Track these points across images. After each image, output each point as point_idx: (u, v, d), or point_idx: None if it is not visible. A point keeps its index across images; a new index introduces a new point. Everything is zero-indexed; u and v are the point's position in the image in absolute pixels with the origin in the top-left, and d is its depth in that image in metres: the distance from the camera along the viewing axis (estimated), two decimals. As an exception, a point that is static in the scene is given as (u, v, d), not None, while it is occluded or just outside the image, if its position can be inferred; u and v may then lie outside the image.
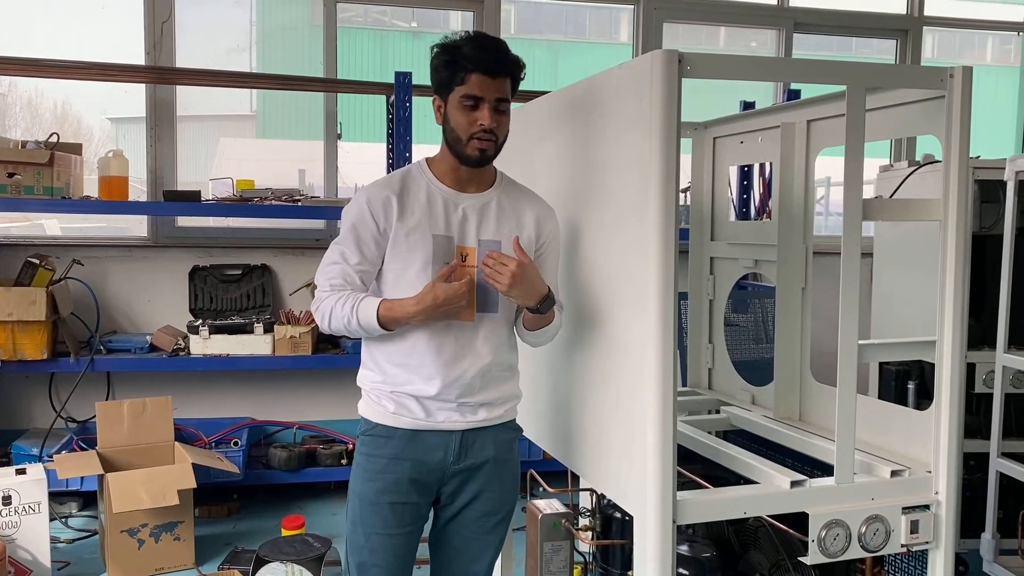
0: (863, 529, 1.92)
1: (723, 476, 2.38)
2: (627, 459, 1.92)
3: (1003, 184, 3.34)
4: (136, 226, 4.78)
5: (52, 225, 5.08)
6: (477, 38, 1.97)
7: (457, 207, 2.03)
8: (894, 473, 2.00)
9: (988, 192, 3.59)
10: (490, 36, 2.03)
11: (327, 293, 2.00)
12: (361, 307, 1.95)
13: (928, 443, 2.04)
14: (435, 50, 1.99)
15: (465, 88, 1.93)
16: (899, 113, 2.14)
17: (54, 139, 4.10)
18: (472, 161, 2.00)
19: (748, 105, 4.66)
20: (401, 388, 2.04)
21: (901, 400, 3.58)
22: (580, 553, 2.88)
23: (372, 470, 2.06)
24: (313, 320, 3.30)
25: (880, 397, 3.71)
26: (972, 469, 3.49)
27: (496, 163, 2.05)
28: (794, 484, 1.93)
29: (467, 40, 1.96)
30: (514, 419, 2.19)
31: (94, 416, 3.82)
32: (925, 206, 2.02)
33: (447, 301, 1.92)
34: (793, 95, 4.77)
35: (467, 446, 2.07)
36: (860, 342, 1.95)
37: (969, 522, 3.39)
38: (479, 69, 1.92)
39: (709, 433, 2.48)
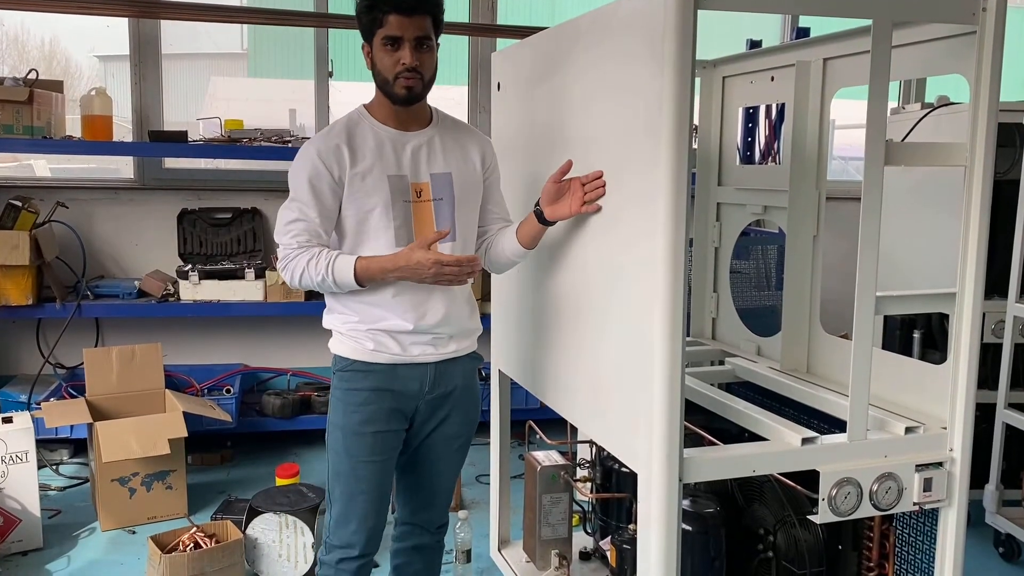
0: (875, 487, 1.86)
1: (725, 428, 2.31)
2: (631, 415, 1.84)
3: (1020, 127, 3.22)
4: (125, 168, 4.64)
5: (41, 166, 4.93)
6: None
7: (404, 146, 2.12)
8: (908, 430, 1.93)
9: (1003, 136, 3.45)
10: None
11: (295, 251, 2.07)
12: (337, 266, 2.04)
13: (942, 398, 1.97)
14: None
15: (385, 30, 2.02)
16: (923, 51, 2.01)
17: (33, 76, 3.94)
18: (401, 99, 2.07)
19: (755, 44, 4.49)
20: (376, 325, 2.13)
21: (906, 350, 3.51)
22: (579, 503, 2.82)
23: (354, 403, 2.15)
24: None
25: (884, 347, 3.63)
26: (977, 420, 3.42)
27: (495, 104, 1.97)
28: (805, 441, 1.86)
29: None
30: (476, 349, 2.30)
31: (83, 362, 3.75)
32: (949, 150, 1.91)
33: (419, 266, 1.98)
34: (802, 33, 4.59)
35: (439, 376, 2.19)
36: (878, 294, 1.86)
37: (972, 473, 3.34)
38: (395, 9, 2.00)
39: (713, 385, 2.41)
